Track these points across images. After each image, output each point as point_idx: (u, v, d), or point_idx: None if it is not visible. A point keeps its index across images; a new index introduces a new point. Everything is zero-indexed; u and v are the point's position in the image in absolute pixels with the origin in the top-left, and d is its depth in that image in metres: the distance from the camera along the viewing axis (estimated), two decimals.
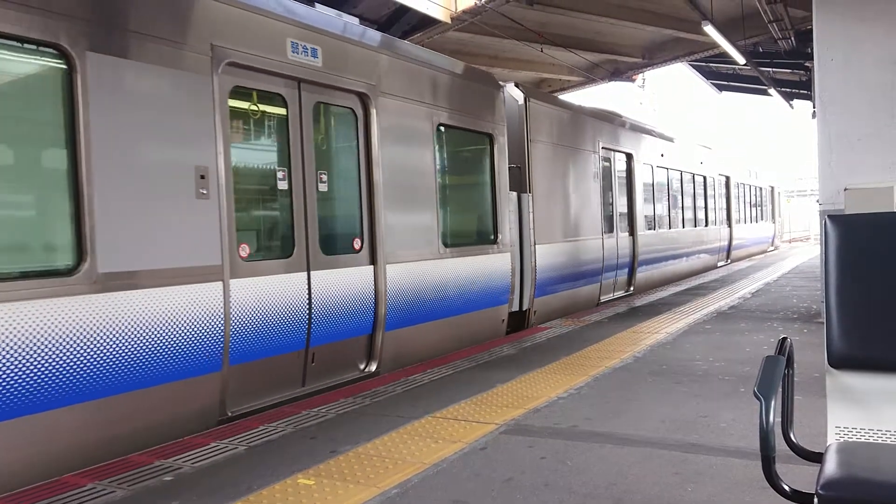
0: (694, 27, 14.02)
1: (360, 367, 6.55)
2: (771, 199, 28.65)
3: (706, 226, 18.58)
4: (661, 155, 15.21)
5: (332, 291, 6.07)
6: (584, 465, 3.72)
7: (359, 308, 6.38)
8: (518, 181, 9.49)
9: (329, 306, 6.03)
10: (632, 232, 13.41)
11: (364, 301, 6.44)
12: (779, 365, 2.09)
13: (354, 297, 6.32)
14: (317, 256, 5.94)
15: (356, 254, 6.43)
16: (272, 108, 5.73)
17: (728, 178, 21.03)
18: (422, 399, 5.29)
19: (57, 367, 3.98)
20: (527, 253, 9.50)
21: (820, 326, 7.84)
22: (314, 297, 5.87)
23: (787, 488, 1.99)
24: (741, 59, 15.21)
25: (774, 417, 1.92)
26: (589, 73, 19.21)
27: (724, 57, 16.76)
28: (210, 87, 4.99)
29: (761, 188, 26.35)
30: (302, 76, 5.83)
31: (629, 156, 13.47)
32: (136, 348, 4.40)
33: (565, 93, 20.23)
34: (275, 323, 5.49)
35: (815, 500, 1.87)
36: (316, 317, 5.90)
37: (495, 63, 17.16)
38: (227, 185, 5.10)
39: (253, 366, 5.35)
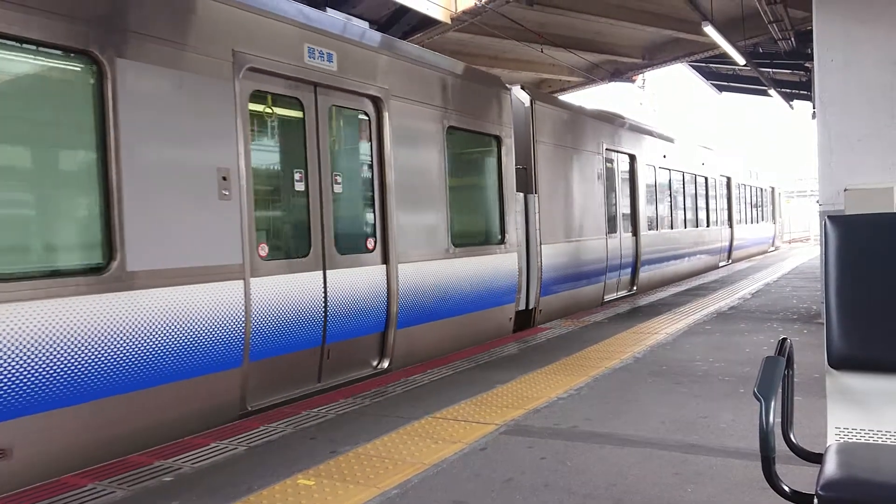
0: (694, 28, 14.02)
1: (373, 364, 6.67)
2: (771, 199, 28.67)
3: (707, 226, 18.63)
4: (664, 156, 15.28)
5: (347, 290, 6.20)
6: (584, 466, 3.72)
7: (372, 306, 6.50)
8: (524, 182, 9.58)
9: (344, 304, 6.15)
10: (635, 232, 13.46)
11: (377, 299, 6.56)
12: (779, 365, 2.09)
13: (368, 296, 6.45)
14: (332, 256, 6.06)
15: (369, 253, 6.56)
16: (290, 112, 5.88)
17: (729, 179, 21.08)
18: (422, 399, 5.29)
19: (91, 360, 4.12)
20: (533, 253, 9.59)
21: (820, 327, 7.84)
22: (330, 296, 5.99)
23: (786, 489, 1.99)
24: (741, 60, 15.22)
25: (774, 418, 1.92)
26: (589, 73, 19.22)
27: (724, 57, 16.76)
28: (232, 91, 5.13)
29: (762, 189, 26.37)
30: (318, 80, 5.96)
31: (632, 157, 13.54)
32: (163, 344, 4.55)
33: (565, 93, 20.23)
34: (292, 320, 5.61)
35: (815, 500, 1.87)
36: (331, 315, 6.02)
37: (495, 63, 17.16)
38: (248, 186, 5.24)
39: (271, 362, 5.48)
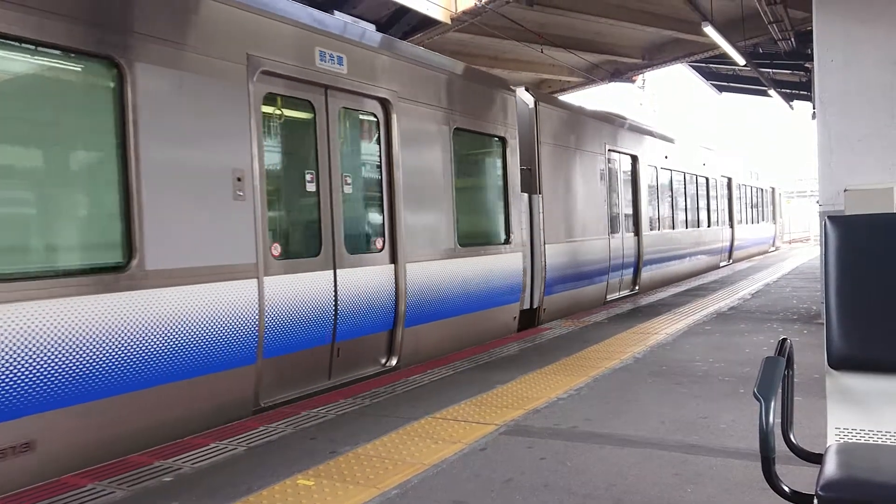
0: (694, 28, 14.02)
1: (382, 362, 6.79)
2: (772, 200, 28.71)
3: (709, 226, 18.71)
4: (665, 156, 15.37)
5: (357, 289, 6.32)
6: (584, 466, 3.72)
7: (381, 305, 6.63)
8: (528, 182, 9.69)
9: (353, 303, 6.28)
10: (637, 232, 13.55)
11: (385, 298, 6.69)
12: (779, 366, 2.09)
13: (377, 295, 6.58)
14: (342, 255, 6.18)
15: (378, 253, 6.69)
16: (301, 114, 6.00)
17: (730, 180, 21.14)
18: (422, 399, 5.29)
19: (111, 357, 4.25)
20: (537, 252, 9.71)
21: (820, 327, 7.84)
22: (340, 295, 6.12)
23: (786, 489, 1.99)
24: (741, 60, 15.22)
25: (774, 418, 1.92)
26: (589, 73, 19.21)
27: (724, 58, 16.75)
28: (246, 94, 5.24)
29: (762, 189, 26.43)
30: (328, 83, 6.08)
31: (634, 157, 13.62)
32: (180, 341, 4.68)
33: (565, 93, 20.23)
34: (304, 319, 5.74)
35: (815, 501, 1.87)
36: (341, 313, 6.14)
37: (495, 64, 17.15)
38: (261, 187, 5.36)
39: (284, 359, 5.60)
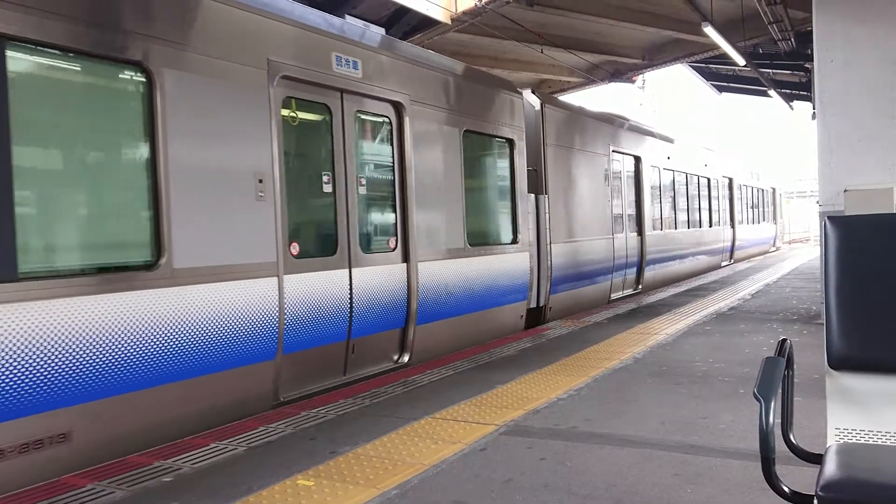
0: (694, 28, 14.02)
1: (394, 359, 6.97)
2: (773, 200, 28.79)
3: (710, 226, 18.88)
4: (668, 157, 15.53)
5: (371, 287, 6.50)
6: (584, 466, 3.72)
7: (394, 303, 6.82)
8: (535, 183, 9.87)
9: (368, 301, 6.46)
10: (640, 232, 13.71)
11: (398, 296, 6.88)
12: (778, 366, 2.09)
13: (390, 293, 6.76)
14: (357, 255, 6.36)
15: (391, 252, 6.86)
16: (318, 117, 6.18)
17: (731, 180, 21.27)
18: (421, 400, 5.29)
19: (140, 351, 4.41)
20: (543, 252, 9.88)
21: (820, 328, 7.84)
22: (355, 293, 6.29)
23: (786, 490, 1.99)
24: (741, 61, 15.22)
25: (774, 419, 1.92)
26: (589, 74, 19.21)
27: (724, 58, 16.76)
28: (267, 98, 5.41)
29: (763, 190, 26.54)
30: (344, 87, 6.26)
31: (637, 158, 13.78)
32: (206, 337, 4.85)
33: (565, 94, 20.23)
34: (321, 316, 5.92)
35: (815, 501, 1.87)
36: (356, 310, 6.31)
37: (495, 64, 17.15)
38: (281, 188, 5.53)
39: (302, 355, 5.77)
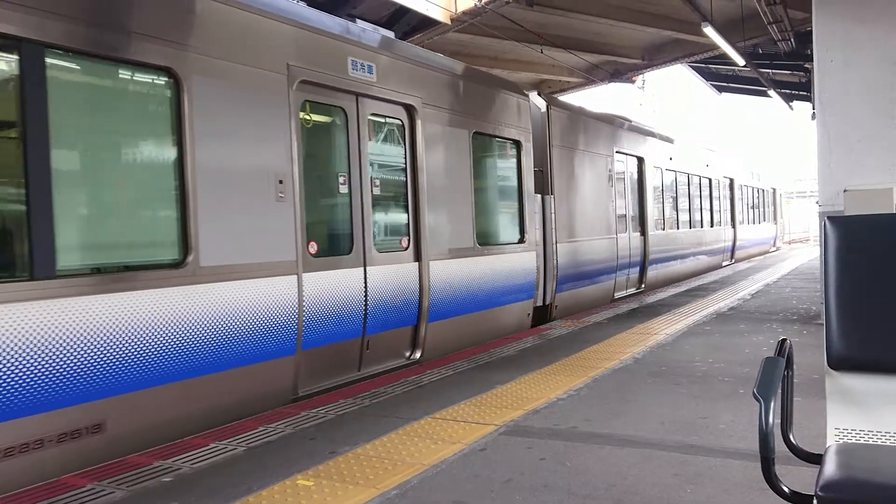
0: (694, 28, 14.02)
1: (406, 356, 7.13)
2: (773, 200, 28.87)
3: (712, 226, 19.05)
4: (670, 158, 15.70)
5: (384, 285, 6.68)
6: (584, 467, 3.72)
7: (406, 301, 7.00)
8: (541, 184, 10.05)
9: (381, 299, 6.64)
10: (643, 232, 13.88)
11: (410, 294, 7.06)
12: (778, 366, 2.09)
13: (402, 291, 6.95)
14: (371, 254, 6.55)
15: (404, 251, 7.04)
16: (335, 120, 6.36)
17: (732, 180, 21.42)
18: (421, 400, 5.29)
19: (169, 346, 4.57)
20: (549, 251, 10.06)
21: (819, 328, 7.84)
22: (369, 291, 6.47)
23: (786, 490, 1.99)
24: (741, 61, 15.22)
25: (774, 419, 1.92)
26: (589, 74, 19.21)
27: (723, 58, 16.76)
28: (286, 101, 5.59)
29: (763, 190, 26.66)
30: (359, 91, 6.44)
31: (640, 159, 13.94)
32: (230, 332, 5.03)
33: (565, 94, 20.22)
34: (337, 313, 6.09)
35: (815, 501, 1.87)
36: (371, 308, 6.49)
37: (495, 64, 17.15)
38: (300, 188, 5.69)
39: (319, 351, 5.94)
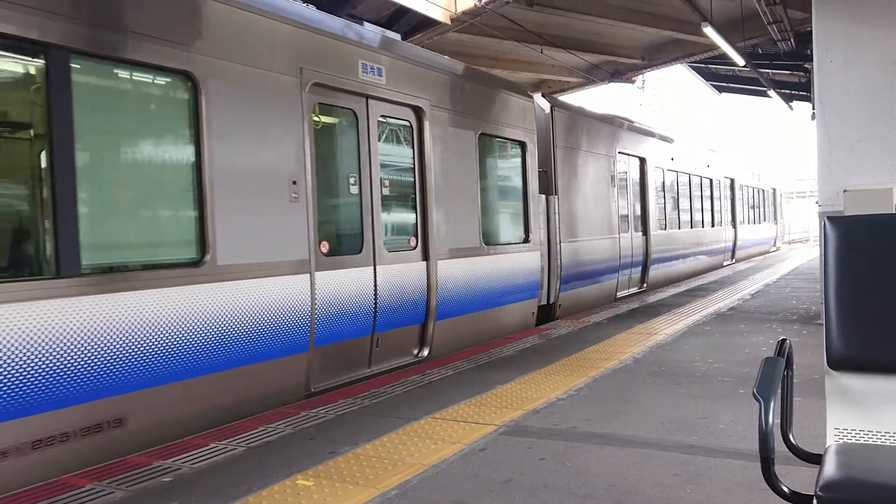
0: (693, 28, 14.02)
1: (415, 353, 7.25)
2: (773, 200, 28.93)
3: (713, 227, 19.15)
4: (671, 158, 15.81)
5: (394, 284, 6.80)
6: (584, 467, 3.72)
7: (415, 299, 7.13)
8: (545, 184, 10.16)
9: (391, 297, 6.76)
10: (645, 232, 13.98)
11: (419, 293, 7.18)
12: (778, 366, 2.09)
13: (411, 290, 7.07)
14: (381, 253, 6.67)
15: (412, 251, 7.16)
16: (346, 122, 6.48)
17: (733, 181, 21.53)
18: (421, 400, 5.29)
19: (187, 342, 4.68)
20: (553, 251, 10.19)
21: (819, 328, 7.84)
22: (379, 289, 6.59)
23: (786, 490, 1.99)
24: (741, 61, 15.22)
25: (774, 419, 1.92)
26: (589, 74, 19.21)
27: (723, 58, 16.77)
28: (299, 104, 5.71)
29: (764, 190, 26.72)
30: (369, 93, 6.55)
31: (642, 160, 14.03)
32: (246, 329, 5.15)
33: (565, 94, 20.22)
34: (348, 311, 6.22)
35: (815, 501, 1.87)
36: (380, 306, 6.61)
37: (495, 64, 17.15)
38: (312, 189, 5.80)
39: (331, 348, 6.06)
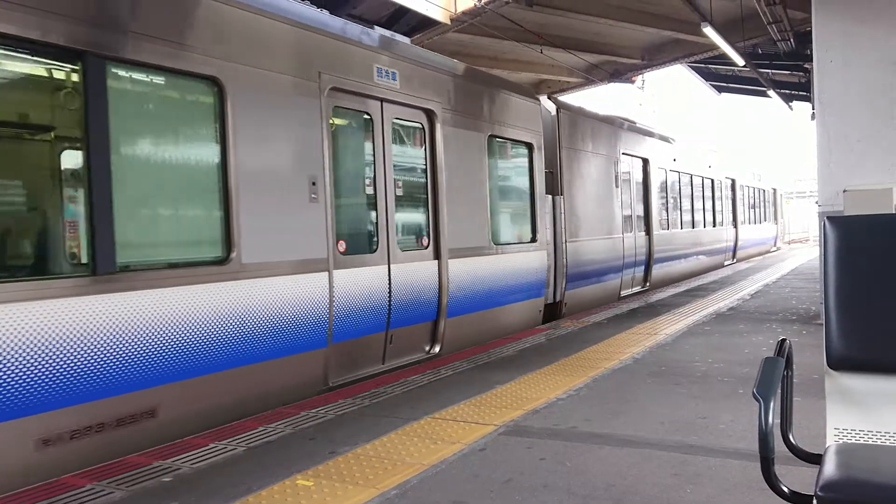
0: (693, 28, 14.02)
1: (426, 350, 7.43)
2: (773, 200, 28.99)
3: (714, 226, 19.29)
4: (673, 159, 15.96)
5: (407, 282, 6.98)
6: (584, 466, 3.72)
7: (427, 297, 7.30)
8: (551, 185, 10.35)
9: (404, 295, 6.94)
10: (648, 231, 14.12)
11: (431, 291, 7.36)
12: (778, 366, 2.09)
13: (423, 288, 7.25)
14: (395, 252, 6.86)
15: (424, 250, 7.35)
16: (361, 125, 6.68)
17: (734, 181, 21.65)
18: (421, 400, 5.29)
19: (216, 337, 4.86)
20: (559, 250, 10.38)
21: (819, 328, 7.84)
22: (393, 287, 6.77)
23: (785, 490, 1.99)
24: (740, 61, 15.22)
25: (773, 419, 1.92)
26: (588, 74, 19.21)
27: (723, 58, 16.77)
28: (319, 107, 5.91)
29: (764, 190, 26.80)
30: (384, 96, 6.75)
31: (645, 161, 14.17)
32: (269, 325, 5.32)
33: (565, 94, 20.22)
34: (364, 308, 6.41)
35: (814, 501, 1.87)
36: (394, 303, 6.78)
37: (495, 65, 17.14)
38: (330, 190, 5.98)
39: (348, 344, 6.25)
